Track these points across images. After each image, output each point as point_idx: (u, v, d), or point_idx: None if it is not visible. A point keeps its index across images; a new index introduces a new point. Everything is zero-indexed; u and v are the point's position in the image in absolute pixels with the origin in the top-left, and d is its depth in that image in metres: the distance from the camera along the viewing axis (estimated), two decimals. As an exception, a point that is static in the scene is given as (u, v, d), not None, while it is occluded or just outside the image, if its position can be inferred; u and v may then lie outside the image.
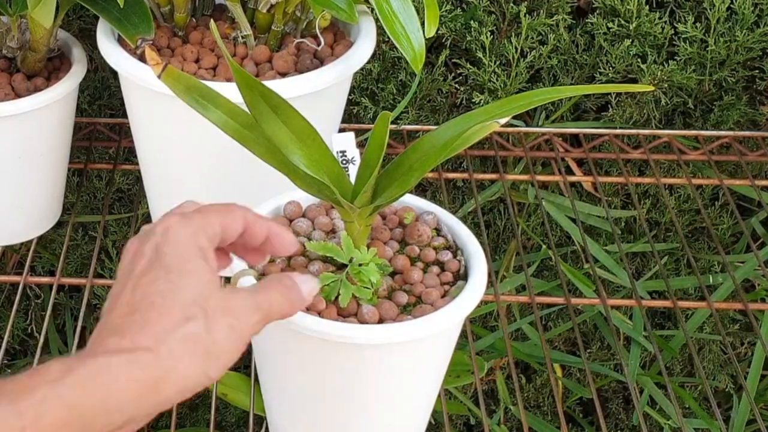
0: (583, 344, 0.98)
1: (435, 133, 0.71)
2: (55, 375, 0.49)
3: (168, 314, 0.53)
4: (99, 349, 0.52)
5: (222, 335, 0.54)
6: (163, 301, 0.54)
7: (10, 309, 0.98)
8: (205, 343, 0.53)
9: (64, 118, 0.97)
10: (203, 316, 0.54)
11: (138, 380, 0.51)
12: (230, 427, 1.32)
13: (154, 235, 0.58)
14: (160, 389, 0.52)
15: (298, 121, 0.68)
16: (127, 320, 0.53)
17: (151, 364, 0.51)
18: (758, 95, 1.19)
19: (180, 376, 0.52)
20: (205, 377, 0.53)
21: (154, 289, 0.55)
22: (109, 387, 0.50)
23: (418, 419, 0.79)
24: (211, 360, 0.54)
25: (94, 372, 0.50)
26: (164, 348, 0.52)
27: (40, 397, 0.48)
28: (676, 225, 1.08)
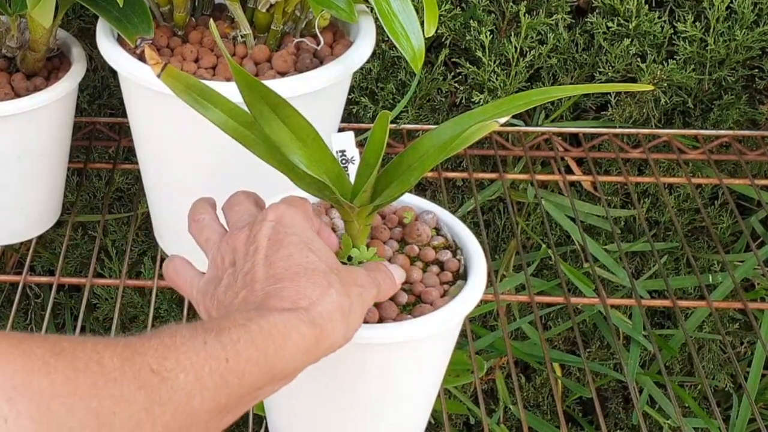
0: (582, 344, 0.98)
1: (434, 133, 0.71)
2: (242, 321, 0.55)
3: (315, 281, 0.60)
4: (269, 305, 0.58)
5: (356, 302, 0.62)
6: (306, 271, 0.60)
7: (10, 308, 0.97)
8: (344, 307, 0.60)
9: (63, 117, 0.97)
10: (340, 284, 0.61)
11: (305, 335, 0.57)
12: (230, 427, 1.32)
13: (268, 222, 0.64)
14: (319, 345, 0.58)
15: (298, 120, 0.68)
16: (276, 287, 0.59)
17: (312, 321, 0.58)
18: (758, 94, 1.19)
19: (330, 335, 0.59)
20: (344, 338, 0.61)
21: (293, 262, 0.61)
22: (285, 337, 0.56)
23: (418, 419, 0.79)
24: (349, 323, 0.61)
25: (272, 322, 0.56)
26: (318, 309, 0.59)
27: (235, 337, 0.54)
28: (675, 224, 1.08)
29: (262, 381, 0.56)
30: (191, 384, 0.51)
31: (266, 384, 0.56)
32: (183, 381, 0.51)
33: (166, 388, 0.51)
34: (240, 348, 0.54)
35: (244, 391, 0.55)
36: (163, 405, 0.50)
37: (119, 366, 0.50)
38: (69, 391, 0.47)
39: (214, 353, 0.53)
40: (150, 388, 0.50)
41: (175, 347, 0.52)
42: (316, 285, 0.60)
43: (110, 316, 1.27)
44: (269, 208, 0.65)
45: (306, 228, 0.64)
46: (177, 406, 0.51)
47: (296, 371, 0.58)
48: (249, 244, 0.63)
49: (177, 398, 0.51)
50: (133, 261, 1.25)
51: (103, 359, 0.49)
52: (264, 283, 0.60)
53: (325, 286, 0.60)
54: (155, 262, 1.02)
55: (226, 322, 0.55)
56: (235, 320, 0.55)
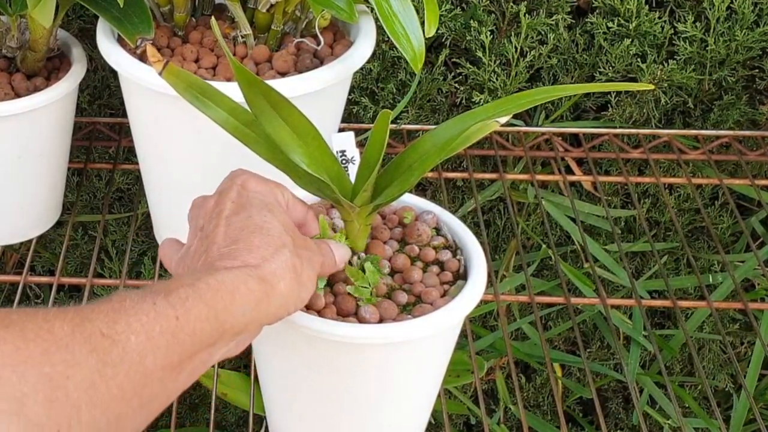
0: (582, 344, 0.98)
1: (435, 133, 0.71)
2: (189, 281, 0.57)
3: (267, 240, 0.62)
4: (218, 266, 0.60)
5: (306, 263, 0.63)
6: (260, 231, 0.62)
7: (10, 308, 0.97)
8: (297, 268, 0.62)
9: (63, 117, 0.97)
10: (293, 245, 0.63)
11: (254, 290, 0.59)
12: (230, 427, 1.32)
13: (235, 185, 0.66)
14: (269, 300, 0.60)
15: (299, 119, 0.68)
16: (231, 248, 0.61)
17: (262, 278, 0.60)
18: (758, 95, 1.19)
19: (282, 292, 0.61)
20: (298, 299, 0.63)
21: (250, 223, 0.63)
22: (233, 292, 0.58)
23: (418, 419, 0.79)
24: (300, 283, 0.62)
25: (220, 279, 0.58)
26: (269, 267, 0.60)
27: (183, 295, 0.56)
28: (675, 224, 1.08)
29: (213, 337, 0.57)
30: (143, 344, 0.53)
31: (218, 339, 0.58)
32: (134, 342, 0.53)
33: (118, 350, 0.52)
34: (189, 306, 0.56)
35: (196, 348, 0.56)
36: (115, 366, 0.52)
37: (69, 332, 0.51)
38: (20, 360, 0.49)
39: (163, 313, 0.55)
40: (101, 351, 0.52)
41: (125, 310, 0.54)
42: (269, 245, 0.61)
43: (110, 317, 1.26)
44: (237, 173, 0.67)
45: (268, 196, 0.66)
46: (130, 366, 0.52)
47: (248, 327, 0.59)
48: (215, 207, 0.66)
49: (129, 359, 0.52)
50: (133, 261, 1.25)
51: (53, 328, 0.51)
52: (221, 245, 0.62)
53: (279, 245, 0.62)
54: (155, 262, 1.02)
55: (173, 283, 0.57)
56: (183, 281, 0.57)
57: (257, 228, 0.63)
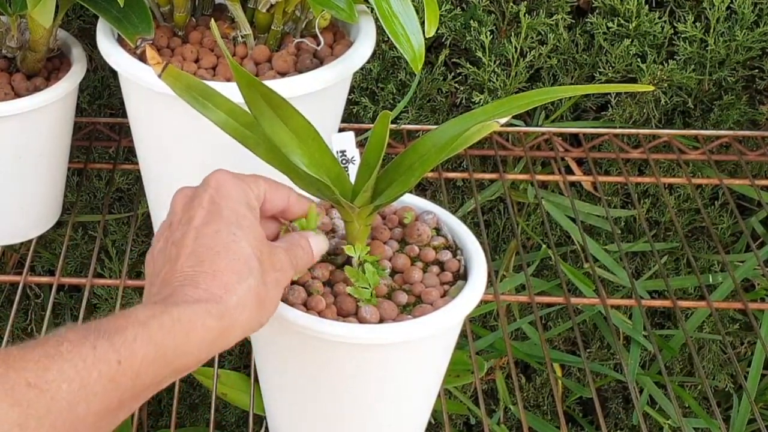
0: (582, 344, 0.98)
1: (435, 133, 0.71)
2: (142, 318, 0.55)
3: (233, 266, 0.60)
4: (178, 298, 0.57)
5: (272, 287, 0.62)
6: (227, 253, 0.60)
7: (10, 308, 0.97)
8: (261, 295, 0.60)
9: (63, 117, 0.97)
10: (259, 270, 0.61)
11: (210, 329, 0.57)
12: (230, 427, 1.32)
13: (209, 188, 0.64)
14: (227, 336, 0.58)
15: (299, 120, 0.68)
16: (197, 270, 0.59)
17: (221, 313, 0.58)
18: (758, 95, 1.19)
19: (242, 323, 0.59)
20: (258, 324, 0.61)
21: (219, 240, 0.61)
22: (188, 332, 0.56)
23: (418, 419, 0.79)
24: (263, 309, 0.61)
25: (175, 318, 0.55)
26: (233, 299, 0.58)
27: (131, 336, 0.53)
28: (675, 224, 1.08)
29: (160, 376, 0.55)
30: (75, 392, 0.51)
31: (165, 378, 0.56)
32: (65, 390, 0.50)
33: (45, 401, 0.50)
34: (136, 347, 0.53)
35: (138, 390, 0.54)
36: (40, 418, 0.49)
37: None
38: None
39: (104, 357, 0.52)
40: (25, 404, 0.49)
41: (60, 355, 0.51)
42: (234, 271, 0.59)
43: (110, 317, 1.26)
44: (215, 172, 0.65)
45: (240, 203, 0.64)
46: (58, 416, 0.50)
47: (200, 362, 0.58)
48: (186, 209, 0.64)
49: (57, 408, 0.50)
50: (133, 261, 1.25)
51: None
52: (185, 262, 0.60)
53: (245, 273, 0.60)
54: (155, 262, 1.02)
55: (124, 320, 0.54)
56: (136, 317, 0.55)
57: (224, 248, 0.60)
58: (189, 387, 1.31)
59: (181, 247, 0.61)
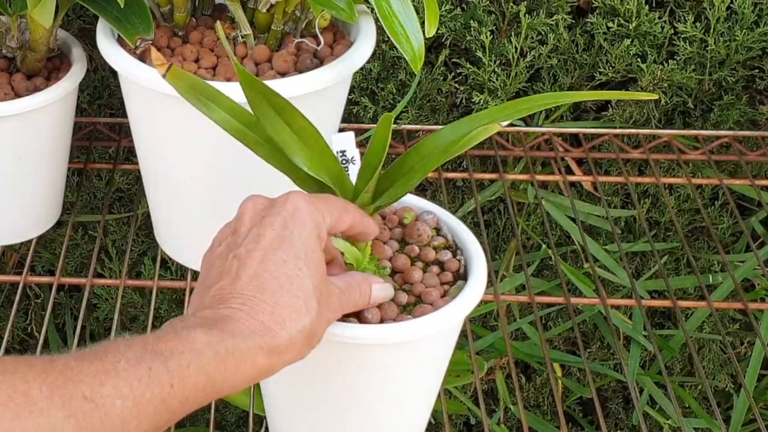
0: (582, 344, 0.98)
1: (437, 135, 0.71)
2: (199, 346, 0.55)
3: (294, 303, 0.60)
4: (235, 327, 0.57)
5: (322, 328, 0.62)
6: (290, 287, 0.60)
7: (10, 308, 0.97)
8: (311, 335, 0.61)
9: (64, 117, 0.97)
10: (317, 310, 0.61)
11: (260, 366, 0.58)
12: (230, 427, 1.32)
13: (284, 211, 0.63)
14: (271, 371, 0.59)
15: (300, 121, 0.68)
16: (257, 297, 0.59)
17: (272, 350, 0.58)
18: (758, 95, 1.19)
19: (287, 360, 0.60)
20: (299, 359, 0.61)
21: (284, 271, 0.60)
22: (238, 366, 0.57)
23: (418, 419, 0.79)
24: (309, 347, 0.61)
25: (230, 350, 0.56)
26: (285, 336, 0.59)
27: (186, 362, 0.54)
28: (675, 224, 1.08)
29: (205, 401, 0.56)
30: (128, 410, 0.52)
31: (205, 402, 0.57)
32: (120, 407, 0.52)
33: (99, 415, 0.51)
34: (188, 374, 0.54)
35: (184, 412, 0.55)
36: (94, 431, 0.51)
37: (48, 395, 0.50)
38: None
39: (158, 379, 0.53)
40: (80, 416, 0.50)
41: (116, 373, 0.52)
42: (293, 308, 0.59)
43: (110, 317, 1.27)
44: (292, 195, 0.64)
45: (312, 235, 0.63)
46: (110, 431, 0.51)
47: (239, 390, 0.59)
48: (256, 222, 0.63)
49: (110, 424, 0.51)
50: (133, 261, 1.25)
51: (30, 390, 0.50)
52: (247, 285, 0.60)
53: (303, 312, 0.60)
54: (155, 262, 1.02)
55: (180, 344, 0.55)
56: (193, 343, 0.55)
57: (287, 281, 0.60)
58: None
59: (243, 265, 0.61)
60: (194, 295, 0.63)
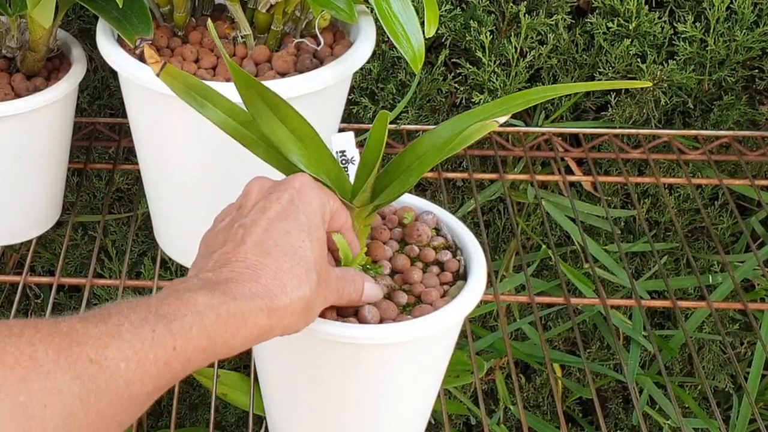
0: (582, 344, 0.98)
1: (434, 133, 0.71)
2: (201, 308, 0.56)
3: (296, 270, 0.61)
4: (237, 291, 0.58)
5: (319, 302, 0.63)
6: (293, 255, 0.61)
7: (10, 309, 0.98)
8: (309, 305, 0.61)
9: (63, 117, 0.97)
10: (316, 282, 0.62)
11: (260, 326, 0.59)
12: (230, 427, 1.32)
13: (291, 188, 0.65)
14: (269, 334, 0.60)
15: (297, 120, 0.68)
16: (261, 262, 0.60)
17: (272, 311, 0.59)
18: (758, 95, 1.19)
19: (284, 326, 0.61)
20: (294, 330, 0.62)
21: (288, 241, 0.62)
22: (239, 328, 0.57)
23: (418, 419, 0.79)
24: (306, 319, 0.62)
25: (232, 312, 0.57)
26: (286, 300, 0.60)
27: (188, 325, 0.55)
28: (675, 225, 1.08)
29: (205, 363, 0.57)
30: (132, 372, 0.53)
31: (206, 363, 0.57)
32: (124, 369, 0.52)
33: (104, 377, 0.52)
34: (191, 336, 0.55)
35: (185, 373, 0.56)
36: (99, 394, 0.51)
37: (54, 358, 0.51)
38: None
39: (161, 342, 0.54)
40: (86, 378, 0.51)
41: (120, 335, 0.53)
42: (295, 275, 0.61)
43: (110, 317, 1.26)
44: (300, 174, 0.66)
45: (317, 213, 0.64)
46: (114, 393, 0.52)
47: (239, 351, 0.59)
48: (262, 197, 0.65)
49: (115, 386, 0.52)
50: (133, 261, 1.25)
51: (36, 353, 0.50)
52: (251, 249, 0.61)
53: (304, 280, 0.61)
54: (155, 262, 1.02)
55: (183, 306, 0.56)
56: (195, 305, 0.56)
57: (291, 250, 0.61)
58: (189, 387, 1.31)
59: (248, 232, 0.62)
60: (196, 259, 0.65)
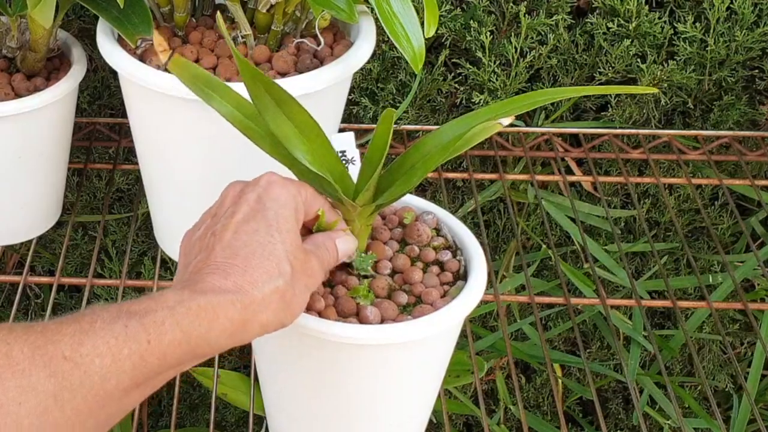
0: (582, 344, 0.98)
1: (437, 133, 0.71)
2: (171, 303, 0.57)
3: (265, 265, 0.61)
4: (206, 286, 0.59)
5: (300, 291, 0.63)
6: (262, 252, 0.61)
7: (10, 309, 0.97)
8: (287, 297, 0.61)
9: (64, 118, 0.97)
10: (290, 274, 0.62)
11: (233, 320, 0.58)
12: (230, 427, 1.32)
13: (258, 187, 0.65)
14: (247, 329, 0.59)
15: (302, 116, 0.68)
16: (229, 262, 0.61)
17: (245, 306, 0.59)
18: (758, 95, 1.19)
19: (263, 321, 0.60)
20: (280, 324, 0.62)
21: (256, 239, 0.62)
22: (212, 320, 0.58)
23: (418, 419, 0.79)
24: (289, 311, 0.62)
25: (201, 306, 0.58)
26: (258, 294, 0.60)
27: (160, 319, 0.56)
28: (675, 225, 1.08)
29: (183, 359, 0.57)
30: (107, 367, 0.53)
31: (188, 361, 0.58)
32: (98, 365, 0.53)
33: (79, 373, 0.52)
34: (164, 329, 0.55)
35: (163, 369, 0.56)
36: (73, 390, 0.52)
37: (29, 356, 0.51)
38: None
39: (134, 336, 0.54)
40: (60, 375, 0.52)
41: (94, 332, 0.54)
42: (264, 270, 0.61)
43: (110, 317, 1.26)
44: (267, 173, 0.67)
45: (286, 206, 0.65)
46: (89, 389, 0.53)
47: (221, 350, 0.59)
48: (232, 203, 0.66)
49: (90, 382, 0.53)
50: (133, 261, 1.25)
51: (11, 351, 0.51)
52: (220, 253, 0.62)
53: (275, 273, 0.61)
54: (155, 262, 1.02)
55: (153, 303, 0.57)
56: (165, 301, 0.57)
57: (260, 247, 0.62)
58: (189, 387, 1.31)
59: (218, 239, 0.63)
60: (175, 278, 0.65)
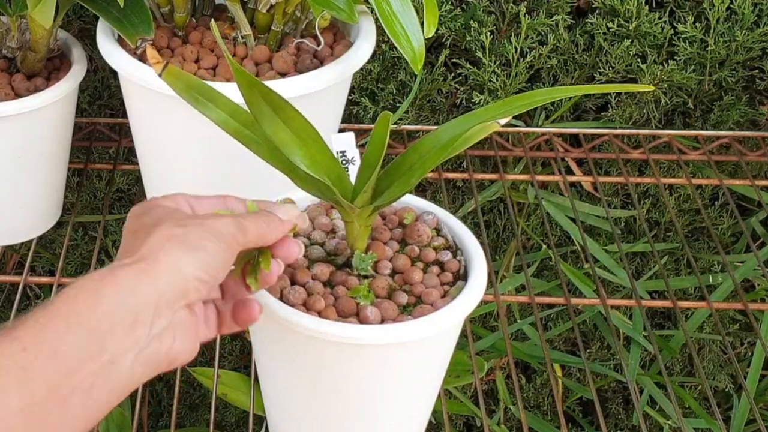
0: (583, 344, 0.98)
1: (435, 133, 0.71)
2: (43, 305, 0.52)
3: (144, 230, 0.58)
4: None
5: (194, 231, 0.57)
6: (143, 229, 0.58)
7: (10, 309, 0.98)
8: (178, 237, 0.57)
9: (64, 118, 0.97)
10: (171, 221, 0.58)
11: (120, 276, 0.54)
12: (230, 427, 1.32)
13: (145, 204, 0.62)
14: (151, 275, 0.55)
15: (299, 121, 0.68)
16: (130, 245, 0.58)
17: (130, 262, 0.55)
18: (758, 95, 1.19)
19: (167, 263, 0.55)
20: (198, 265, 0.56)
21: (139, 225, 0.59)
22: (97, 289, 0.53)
23: (418, 419, 0.79)
24: (195, 250, 0.57)
25: (78, 286, 0.53)
26: (141, 249, 0.56)
27: (32, 320, 0.51)
28: (675, 225, 1.08)
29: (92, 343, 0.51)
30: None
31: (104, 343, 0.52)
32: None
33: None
34: (39, 328, 0.50)
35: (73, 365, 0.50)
36: None
37: None
38: None
39: (4, 351, 0.49)
40: None
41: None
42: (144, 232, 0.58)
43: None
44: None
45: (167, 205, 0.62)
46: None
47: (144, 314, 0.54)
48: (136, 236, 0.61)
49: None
50: (133, 261, 1.24)
51: None
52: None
53: (152, 228, 0.57)
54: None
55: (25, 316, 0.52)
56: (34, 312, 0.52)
57: (142, 227, 0.59)
58: (189, 387, 1.31)
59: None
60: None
